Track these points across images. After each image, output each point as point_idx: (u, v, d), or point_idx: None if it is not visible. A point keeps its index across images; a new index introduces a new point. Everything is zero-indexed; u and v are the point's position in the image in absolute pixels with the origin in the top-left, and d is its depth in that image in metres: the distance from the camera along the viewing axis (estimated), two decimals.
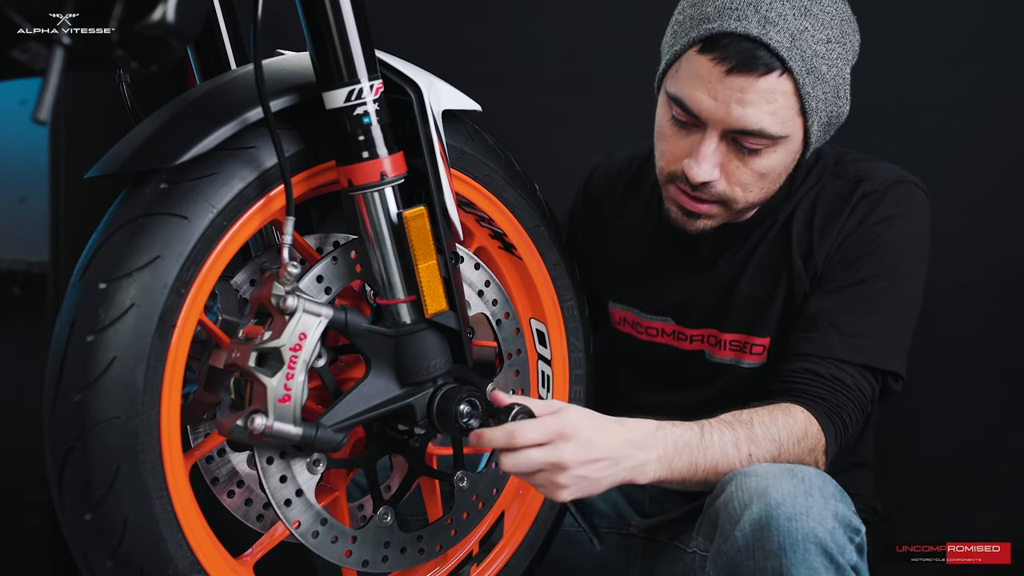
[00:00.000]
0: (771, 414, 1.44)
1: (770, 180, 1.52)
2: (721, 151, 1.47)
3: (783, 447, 1.43)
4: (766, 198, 1.55)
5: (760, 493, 1.32)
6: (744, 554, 1.32)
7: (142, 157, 1.20)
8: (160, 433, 1.19)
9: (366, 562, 1.36)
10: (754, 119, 1.44)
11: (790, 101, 1.45)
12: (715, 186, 1.49)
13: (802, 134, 1.49)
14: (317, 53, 1.25)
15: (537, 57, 2.32)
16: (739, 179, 1.49)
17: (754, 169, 1.48)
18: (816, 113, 1.48)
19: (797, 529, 1.30)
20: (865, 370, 1.51)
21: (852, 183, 1.58)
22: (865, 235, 1.55)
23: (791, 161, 1.52)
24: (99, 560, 1.19)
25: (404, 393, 1.32)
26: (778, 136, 1.46)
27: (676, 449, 1.37)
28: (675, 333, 1.69)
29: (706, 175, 1.47)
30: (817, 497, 1.32)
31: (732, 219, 1.57)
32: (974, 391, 2.08)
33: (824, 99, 1.48)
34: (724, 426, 1.41)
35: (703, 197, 1.50)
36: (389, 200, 1.28)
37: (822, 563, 1.30)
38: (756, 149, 1.46)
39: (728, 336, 1.64)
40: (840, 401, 1.50)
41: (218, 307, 1.36)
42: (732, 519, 1.34)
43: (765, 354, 1.61)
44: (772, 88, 1.43)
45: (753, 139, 1.45)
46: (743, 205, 1.52)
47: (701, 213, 1.52)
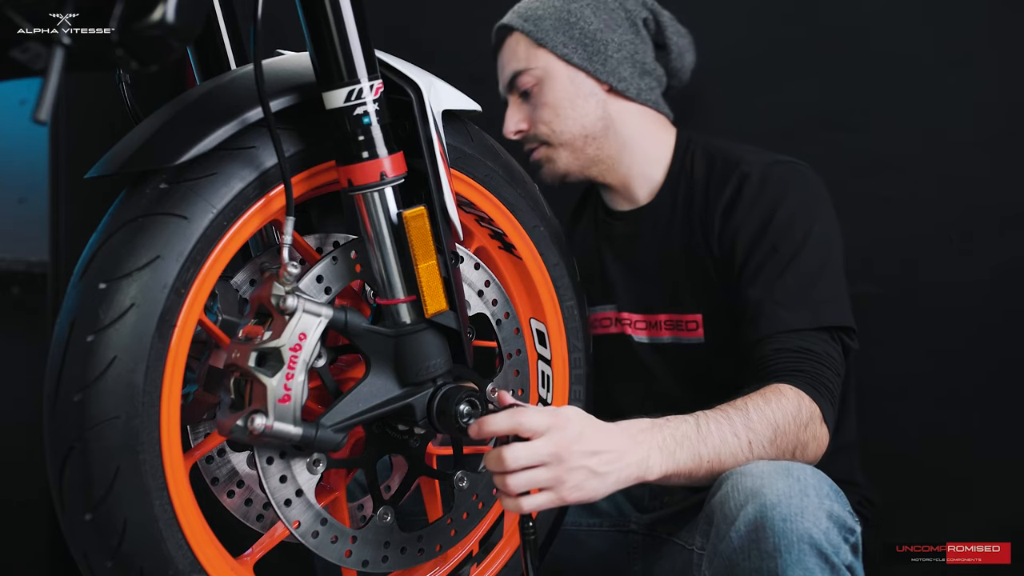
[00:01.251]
0: (764, 397, 1.47)
1: (565, 106, 1.76)
2: (517, 109, 1.81)
3: (779, 428, 1.45)
4: (579, 125, 1.76)
5: (755, 493, 1.33)
6: (740, 554, 1.32)
7: (142, 157, 1.20)
8: (160, 433, 1.19)
9: (366, 562, 1.36)
10: (508, 69, 1.81)
11: (524, 42, 1.79)
12: (529, 132, 1.80)
13: (557, 60, 1.77)
14: (317, 53, 1.25)
15: None
16: (539, 117, 1.78)
17: (541, 103, 1.77)
18: (551, 40, 1.76)
19: (792, 530, 1.30)
20: (823, 332, 1.58)
21: (730, 168, 1.72)
22: (762, 217, 1.66)
23: (573, 88, 1.77)
24: (99, 560, 1.19)
25: (404, 393, 1.32)
26: (529, 68, 1.77)
27: (676, 441, 1.38)
28: (616, 320, 1.81)
29: (512, 124, 1.81)
30: (812, 497, 1.33)
31: (582, 161, 1.78)
32: (974, 391, 2.08)
33: (552, 26, 1.77)
34: (719, 415, 1.43)
35: (531, 146, 1.81)
36: (389, 200, 1.28)
37: (817, 563, 1.30)
38: (529, 88, 1.78)
39: (663, 317, 1.76)
40: (816, 369, 1.54)
41: (218, 307, 1.36)
42: (728, 519, 1.34)
43: (701, 330, 1.72)
44: (509, 43, 1.81)
45: (519, 81, 1.78)
46: (560, 136, 1.77)
47: (538, 159, 1.81)
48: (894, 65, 2.06)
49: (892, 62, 2.06)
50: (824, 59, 2.10)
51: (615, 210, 1.84)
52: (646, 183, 1.80)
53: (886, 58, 2.07)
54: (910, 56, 2.07)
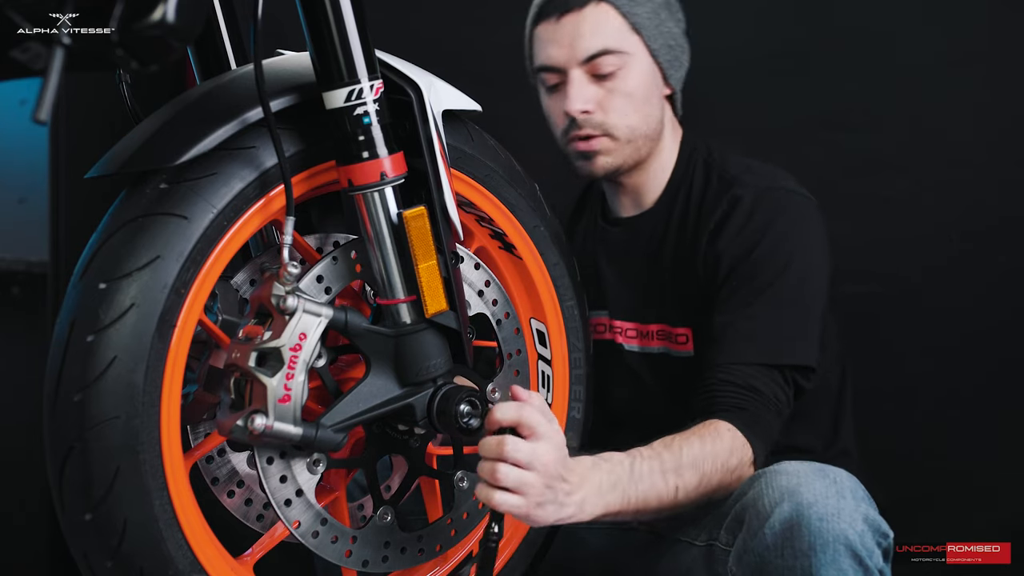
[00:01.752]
0: (700, 439, 1.47)
1: (639, 101, 1.67)
2: (587, 85, 1.66)
3: (705, 475, 1.44)
4: (646, 124, 1.68)
5: (791, 492, 1.33)
6: (773, 552, 1.32)
7: (142, 157, 1.20)
8: (160, 433, 1.19)
9: (366, 562, 1.36)
10: (595, 43, 1.65)
11: (619, 22, 1.66)
12: (595, 117, 1.67)
13: (646, 52, 1.67)
14: (317, 53, 1.25)
15: None
16: (612, 105, 1.66)
17: (619, 91, 1.66)
18: (648, 30, 1.67)
19: (828, 530, 1.30)
20: (775, 371, 1.57)
21: (725, 186, 1.69)
22: (746, 241, 1.63)
23: (652, 83, 1.69)
24: (99, 560, 1.19)
25: (404, 393, 1.32)
26: (621, 51, 1.65)
27: (610, 484, 1.37)
28: (609, 326, 1.78)
29: (581, 104, 1.65)
30: (849, 499, 1.33)
31: (629, 156, 1.69)
32: (975, 391, 2.08)
33: (648, 17, 1.67)
34: (653, 459, 1.42)
35: (591, 133, 1.67)
36: (389, 200, 1.28)
37: (851, 565, 1.30)
38: (612, 71, 1.65)
39: (654, 327, 1.73)
40: (758, 410, 1.54)
41: (218, 307, 1.36)
42: (761, 516, 1.34)
43: (690, 344, 1.70)
44: (597, 14, 1.65)
45: (603, 60, 1.64)
46: (625, 132, 1.67)
47: (595, 150, 1.68)
48: (894, 65, 2.06)
49: (892, 62, 2.06)
50: (824, 59, 2.10)
51: (614, 215, 1.81)
52: (654, 189, 1.76)
53: (886, 58, 2.07)
54: (911, 56, 2.07)
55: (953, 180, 2.03)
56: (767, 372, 1.56)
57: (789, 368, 1.58)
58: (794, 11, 2.11)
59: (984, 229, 2.04)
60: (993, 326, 2.05)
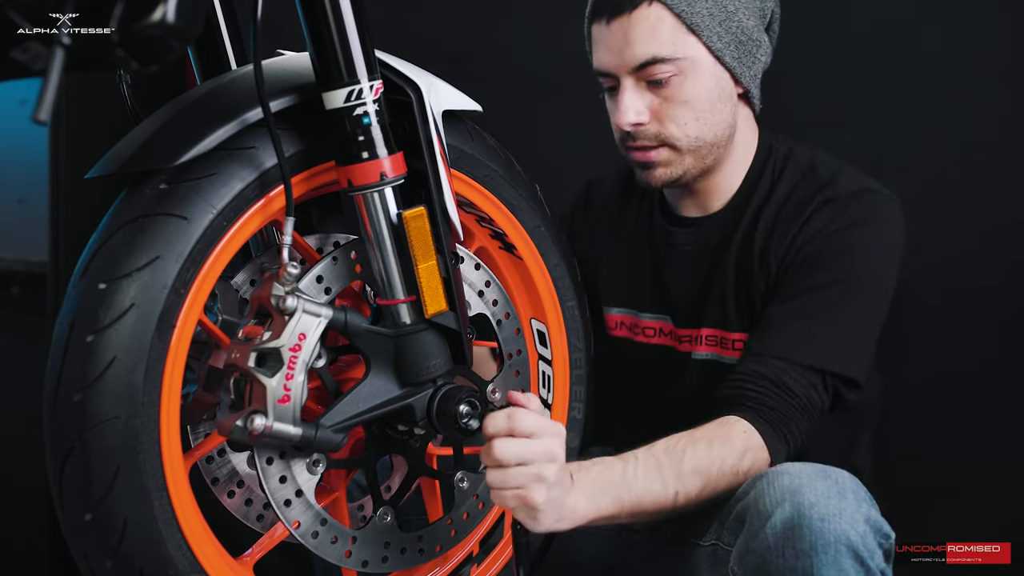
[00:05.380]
0: (709, 445, 1.43)
1: (701, 109, 1.56)
2: (640, 94, 1.56)
3: (710, 481, 1.42)
4: (711, 132, 1.57)
5: (793, 492, 1.32)
6: (774, 552, 1.32)
7: (142, 157, 1.20)
8: (160, 433, 1.19)
9: (366, 562, 1.36)
10: (643, 50, 1.53)
11: (671, 24, 1.53)
12: (649, 128, 1.57)
13: (706, 54, 1.55)
14: (317, 53, 1.25)
15: (537, 57, 2.32)
16: (668, 114, 1.56)
17: (676, 99, 1.55)
18: (707, 29, 1.54)
19: (829, 530, 1.30)
20: (815, 374, 1.50)
21: (816, 187, 1.59)
22: (825, 239, 1.55)
23: (714, 86, 1.56)
24: (99, 560, 1.19)
25: (404, 393, 1.32)
26: (674, 58, 1.53)
27: (601, 486, 1.36)
28: (672, 333, 1.70)
29: (632, 117, 1.55)
30: (851, 500, 1.32)
31: (694, 166, 1.59)
32: (975, 391, 2.08)
33: (709, 13, 1.54)
34: (651, 462, 1.39)
35: (647, 144, 1.57)
36: (389, 200, 1.28)
37: (852, 566, 1.30)
38: (666, 78, 1.54)
39: (706, 331, 1.65)
40: (786, 410, 1.49)
41: (218, 307, 1.36)
42: (762, 516, 1.34)
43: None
44: (648, 17, 1.53)
45: (655, 69, 1.53)
46: (686, 142, 1.57)
47: (653, 160, 1.58)
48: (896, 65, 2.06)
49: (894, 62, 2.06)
50: (825, 59, 2.10)
51: (680, 215, 1.70)
52: (725, 192, 1.65)
53: (888, 58, 2.07)
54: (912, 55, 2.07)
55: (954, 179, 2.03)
56: (807, 373, 1.50)
57: (833, 376, 1.51)
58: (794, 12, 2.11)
59: (986, 228, 2.04)
60: (995, 327, 2.05)
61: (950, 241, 2.06)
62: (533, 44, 2.32)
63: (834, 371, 1.51)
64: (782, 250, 1.58)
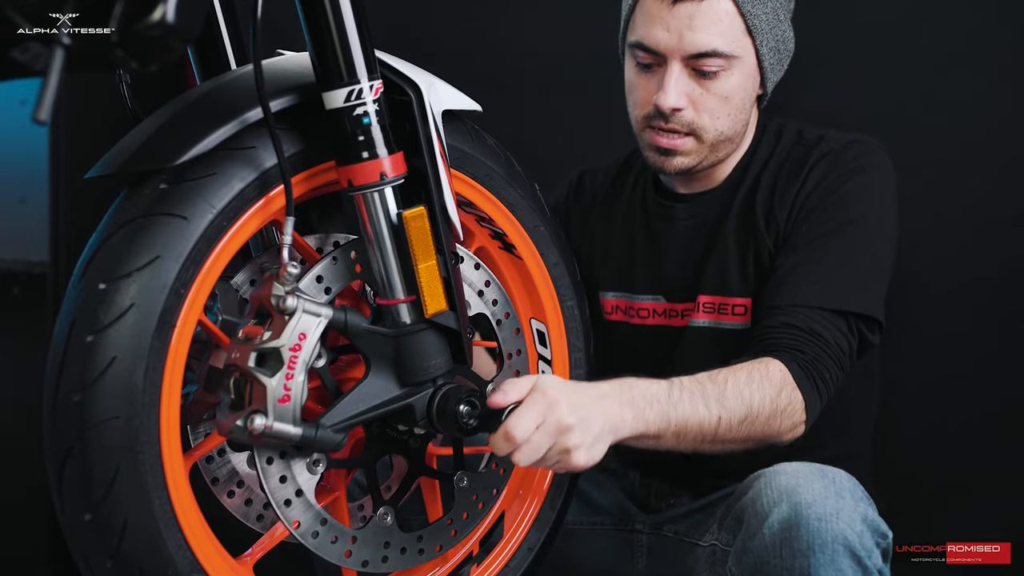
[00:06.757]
0: (748, 374, 1.43)
1: (734, 106, 1.59)
2: (684, 80, 1.57)
3: (751, 410, 1.41)
4: (733, 129, 1.62)
5: (790, 492, 1.32)
6: (771, 552, 1.32)
7: (142, 157, 1.20)
8: (160, 433, 1.19)
9: (366, 562, 1.36)
10: (705, 40, 1.54)
11: (735, 21, 1.56)
12: (685, 115, 1.58)
13: (754, 56, 1.59)
14: (317, 53, 1.25)
15: (537, 57, 2.32)
16: (705, 105, 1.58)
17: (717, 93, 1.58)
18: (762, 34, 1.58)
19: (827, 530, 1.30)
20: (839, 318, 1.52)
21: (810, 147, 1.64)
22: (827, 189, 1.59)
23: (750, 87, 1.61)
24: (99, 560, 1.19)
25: (404, 393, 1.32)
26: (730, 55, 1.56)
27: (646, 400, 1.35)
28: (666, 312, 1.71)
29: (675, 101, 1.56)
30: (848, 499, 1.32)
31: (707, 159, 1.62)
32: (975, 390, 2.08)
33: (767, 19, 1.58)
34: (694, 385, 1.39)
35: (676, 129, 1.59)
36: (389, 200, 1.28)
37: (849, 565, 1.30)
38: (714, 72, 1.56)
39: (703, 299, 1.66)
40: (817, 354, 1.49)
41: (218, 307, 1.36)
42: (760, 516, 1.34)
43: (748, 315, 1.63)
44: (716, 10, 1.55)
45: (709, 61, 1.55)
46: (713, 135, 1.60)
47: (676, 149, 1.60)
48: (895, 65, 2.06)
49: (894, 62, 2.06)
50: (825, 59, 2.10)
51: (677, 192, 1.72)
52: (724, 172, 1.69)
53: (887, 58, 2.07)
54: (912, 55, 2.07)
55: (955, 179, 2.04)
56: (831, 318, 1.51)
57: (855, 316, 1.53)
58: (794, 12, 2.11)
59: (986, 227, 2.04)
60: (994, 326, 2.05)
61: (949, 239, 2.06)
62: (533, 44, 2.32)
63: (857, 311, 1.53)
64: (787, 206, 1.61)
